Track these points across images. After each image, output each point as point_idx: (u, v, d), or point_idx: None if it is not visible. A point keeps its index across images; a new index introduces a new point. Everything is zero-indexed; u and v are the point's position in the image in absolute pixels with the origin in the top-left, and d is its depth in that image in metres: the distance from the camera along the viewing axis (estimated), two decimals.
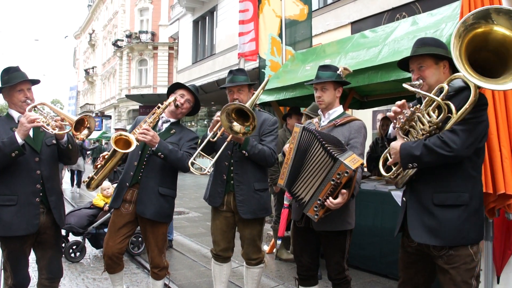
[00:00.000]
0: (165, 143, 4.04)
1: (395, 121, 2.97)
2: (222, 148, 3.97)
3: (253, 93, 4.21)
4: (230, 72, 4.30)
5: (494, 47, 2.61)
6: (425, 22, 5.12)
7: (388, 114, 3.03)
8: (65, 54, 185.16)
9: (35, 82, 3.85)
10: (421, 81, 2.92)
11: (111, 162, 4.04)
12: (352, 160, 3.26)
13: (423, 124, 2.84)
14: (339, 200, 3.25)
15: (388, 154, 3.11)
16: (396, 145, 2.92)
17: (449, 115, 2.74)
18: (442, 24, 4.68)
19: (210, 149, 4.12)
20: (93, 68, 53.18)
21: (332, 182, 3.24)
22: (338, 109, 3.82)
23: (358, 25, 12.85)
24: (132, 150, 3.90)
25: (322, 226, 3.59)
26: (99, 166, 4.07)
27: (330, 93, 3.74)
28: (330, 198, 3.26)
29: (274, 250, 6.80)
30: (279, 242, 6.39)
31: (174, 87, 4.40)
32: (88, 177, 4.05)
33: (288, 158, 3.60)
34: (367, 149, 8.06)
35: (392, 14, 11.75)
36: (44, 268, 3.86)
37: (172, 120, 4.34)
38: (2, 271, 3.85)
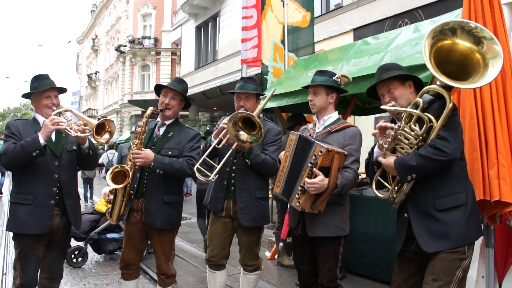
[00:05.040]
0: (160, 158, 3.99)
1: (380, 141, 3.12)
2: (227, 156, 3.97)
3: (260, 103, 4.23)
4: (242, 78, 4.32)
5: (455, 59, 2.88)
6: (427, 29, 5.05)
7: (372, 133, 3.23)
8: (68, 59, 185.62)
9: (62, 90, 4.09)
10: (393, 102, 3.12)
11: (118, 195, 4.02)
12: (331, 146, 3.33)
13: (408, 139, 2.96)
14: (314, 180, 3.28)
15: (379, 177, 3.23)
16: (389, 162, 3.02)
17: (431, 124, 2.89)
18: None
19: (212, 155, 4.11)
20: (95, 73, 53.25)
21: (309, 165, 3.30)
22: (333, 115, 3.81)
23: (360, 32, 12.86)
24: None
25: (315, 231, 3.59)
26: (111, 201, 4.08)
27: (321, 98, 3.75)
28: (307, 179, 3.30)
29: (276, 256, 6.79)
30: (281, 244, 6.39)
31: (158, 89, 4.29)
32: (108, 212, 4.08)
33: (284, 166, 3.61)
34: (366, 155, 8.00)
35: (395, 21, 11.75)
36: (45, 267, 3.98)
37: (167, 122, 4.25)
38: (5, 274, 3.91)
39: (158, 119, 4.28)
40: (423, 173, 2.90)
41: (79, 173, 16.87)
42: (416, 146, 2.92)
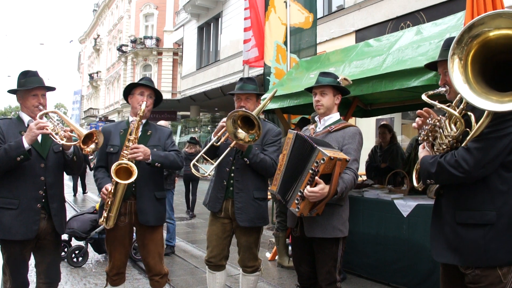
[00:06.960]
0: (156, 152, 3.97)
1: (420, 130, 2.79)
2: (225, 154, 3.98)
3: (260, 103, 4.23)
4: (241, 79, 4.31)
5: (506, 49, 2.24)
6: (429, 31, 5.13)
7: (413, 125, 2.87)
8: (70, 58, 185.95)
9: (51, 89, 3.89)
10: (447, 87, 2.72)
11: (118, 193, 3.83)
12: (333, 152, 3.28)
13: (446, 136, 2.60)
14: (314, 188, 3.23)
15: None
16: (420, 156, 2.77)
17: (467, 129, 2.51)
18: (446, 34, 4.69)
19: (213, 153, 4.14)
20: (97, 73, 53.32)
21: (310, 172, 3.26)
22: (335, 116, 3.81)
23: (362, 33, 12.89)
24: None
25: (313, 232, 3.57)
26: (109, 202, 3.86)
27: (329, 98, 3.75)
28: (308, 186, 3.26)
29: (276, 257, 6.78)
30: (290, 248, 6.36)
31: (129, 88, 4.20)
32: (104, 217, 3.87)
33: (281, 164, 3.61)
34: (366, 157, 8.03)
35: (397, 23, 11.77)
36: (42, 272, 3.85)
37: (143, 121, 4.13)
38: (1, 274, 3.86)
39: (133, 119, 4.10)
40: (439, 182, 2.65)
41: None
42: (449, 148, 2.59)
